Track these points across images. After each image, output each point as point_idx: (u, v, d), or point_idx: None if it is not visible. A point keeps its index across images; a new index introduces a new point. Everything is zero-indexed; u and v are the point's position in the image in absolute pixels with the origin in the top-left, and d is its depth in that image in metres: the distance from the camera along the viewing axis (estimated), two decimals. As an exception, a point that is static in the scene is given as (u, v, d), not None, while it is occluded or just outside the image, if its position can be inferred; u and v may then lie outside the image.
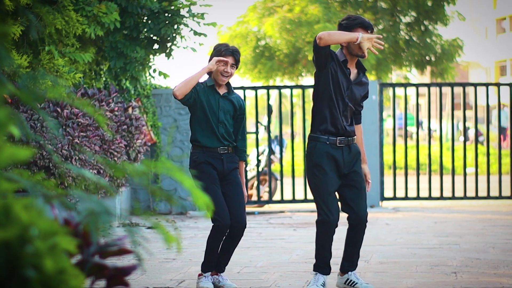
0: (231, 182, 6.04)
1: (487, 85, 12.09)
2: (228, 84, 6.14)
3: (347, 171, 5.79)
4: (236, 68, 6.09)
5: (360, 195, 5.80)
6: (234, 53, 6.01)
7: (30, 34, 8.19)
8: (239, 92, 10.94)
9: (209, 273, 6.02)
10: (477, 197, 12.12)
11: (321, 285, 5.75)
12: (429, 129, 12.25)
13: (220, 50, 6.00)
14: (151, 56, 10.27)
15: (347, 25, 5.75)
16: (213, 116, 6.03)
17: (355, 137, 5.87)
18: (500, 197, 12.10)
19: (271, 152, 12.35)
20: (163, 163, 2.15)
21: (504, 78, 52.31)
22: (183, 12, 9.99)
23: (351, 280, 5.84)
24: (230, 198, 6.01)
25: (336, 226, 5.79)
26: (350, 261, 5.88)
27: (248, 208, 11.95)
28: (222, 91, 6.09)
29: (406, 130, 12.29)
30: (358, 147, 5.90)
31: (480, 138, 28.44)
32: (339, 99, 5.74)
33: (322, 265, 5.82)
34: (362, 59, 5.74)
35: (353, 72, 5.84)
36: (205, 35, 10.11)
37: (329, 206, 5.71)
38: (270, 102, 12.14)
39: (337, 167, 5.76)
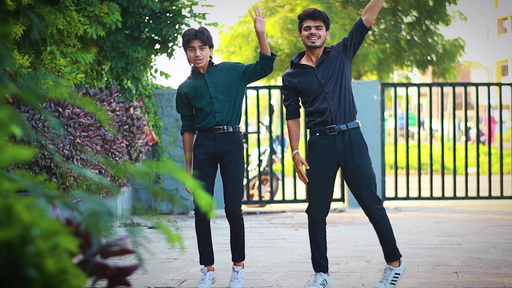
0: (228, 166, 6.01)
1: (488, 85, 12.09)
2: (210, 63, 6.08)
3: (344, 160, 5.77)
4: (208, 46, 5.99)
5: (364, 188, 5.74)
6: (197, 34, 5.96)
7: (31, 34, 8.19)
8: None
9: (206, 268, 6.06)
10: (478, 197, 12.11)
11: (321, 284, 5.74)
12: (431, 129, 12.25)
13: (184, 39, 6.02)
14: (152, 56, 10.28)
15: (298, 22, 5.85)
16: (205, 96, 6.02)
17: (351, 123, 5.77)
18: (501, 197, 12.09)
19: (272, 152, 12.35)
20: (164, 163, 2.15)
21: (506, 78, 52.30)
22: (184, 12, 9.99)
23: (393, 276, 5.84)
24: (225, 184, 6.04)
25: (321, 220, 5.77)
26: (384, 251, 5.88)
27: (250, 208, 11.96)
28: (204, 69, 6.08)
29: (407, 130, 12.29)
30: (358, 136, 5.80)
31: (482, 138, 28.44)
32: (316, 96, 5.76)
33: (314, 262, 5.84)
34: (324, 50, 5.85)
35: (316, 60, 5.85)
36: (206, 35, 10.11)
37: (312, 197, 5.76)
38: (271, 102, 12.14)
39: (333, 155, 5.75)
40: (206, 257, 6.08)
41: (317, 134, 5.77)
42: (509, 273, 6.38)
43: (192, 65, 6.10)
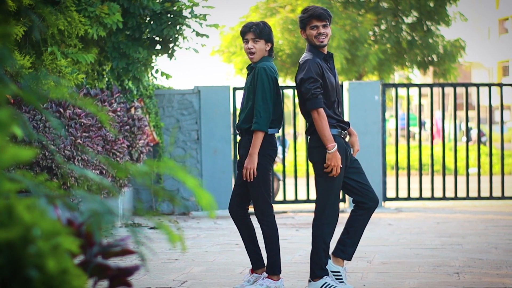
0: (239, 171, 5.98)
1: (489, 85, 12.08)
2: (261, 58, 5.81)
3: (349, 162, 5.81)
4: (264, 39, 5.72)
5: (367, 179, 5.82)
6: (251, 28, 5.73)
7: (32, 35, 8.19)
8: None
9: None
10: (479, 198, 12.11)
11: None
12: (432, 130, 12.25)
13: (240, 33, 5.85)
14: (153, 57, 10.28)
15: (302, 19, 5.67)
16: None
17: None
18: (502, 197, 12.09)
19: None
20: (165, 163, 2.15)
21: (507, 79, 52.30)
22: (185, 13, 10.00)
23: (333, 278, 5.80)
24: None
25: None
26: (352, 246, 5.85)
27: (251, 208, 11.93)
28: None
29: (408, 131, 12.29)
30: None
31: (483, 139, 28.43)
32: (335, 95, 5.74)
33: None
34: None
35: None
36: (207, 36, 10.12)
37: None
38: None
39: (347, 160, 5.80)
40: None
41: (341, 137, 5.77)
42: (510, 274, 6.38)
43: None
